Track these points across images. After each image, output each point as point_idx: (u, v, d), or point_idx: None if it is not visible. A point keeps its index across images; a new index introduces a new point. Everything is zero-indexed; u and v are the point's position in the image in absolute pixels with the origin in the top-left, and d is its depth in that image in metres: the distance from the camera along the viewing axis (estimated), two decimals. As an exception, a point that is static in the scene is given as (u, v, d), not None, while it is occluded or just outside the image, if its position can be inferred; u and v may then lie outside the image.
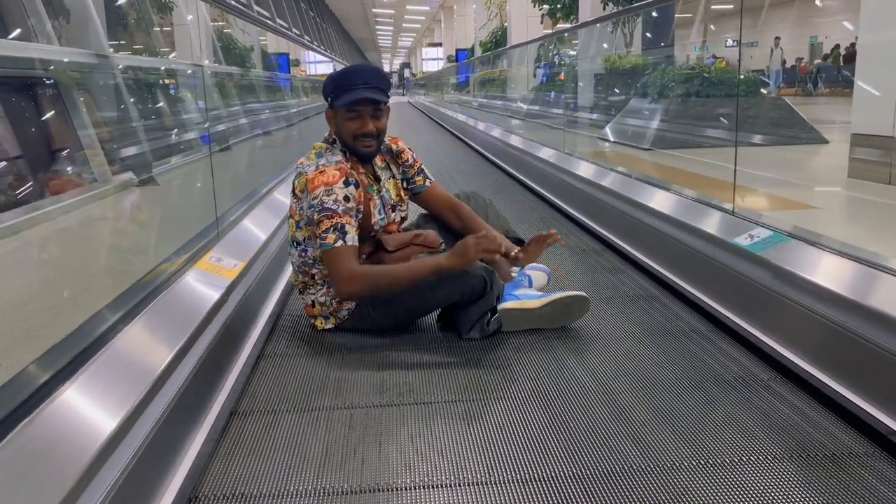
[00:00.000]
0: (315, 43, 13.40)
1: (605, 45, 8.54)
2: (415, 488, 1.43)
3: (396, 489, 1.43)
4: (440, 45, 41.36)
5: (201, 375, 1.67)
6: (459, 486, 1.44)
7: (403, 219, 2.43)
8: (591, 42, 7.92)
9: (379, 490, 1.43)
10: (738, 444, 1.56)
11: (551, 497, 1.39)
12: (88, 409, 1.25)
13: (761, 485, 1.41)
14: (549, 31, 12.49)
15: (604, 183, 3.81)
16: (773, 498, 1.36)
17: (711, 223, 2.62)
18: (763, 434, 1.61)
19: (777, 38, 9.77)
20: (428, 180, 2.44)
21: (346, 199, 2.10)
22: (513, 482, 1.44)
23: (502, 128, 8.18)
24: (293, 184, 2.24)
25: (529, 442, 1.60)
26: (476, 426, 1.68)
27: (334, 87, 2.18)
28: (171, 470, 1.42)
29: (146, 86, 5.40)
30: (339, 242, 2.05)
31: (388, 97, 2.26)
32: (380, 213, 2.28)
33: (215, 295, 2.00)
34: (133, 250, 3.02)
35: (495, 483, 1.44)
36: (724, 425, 1.65)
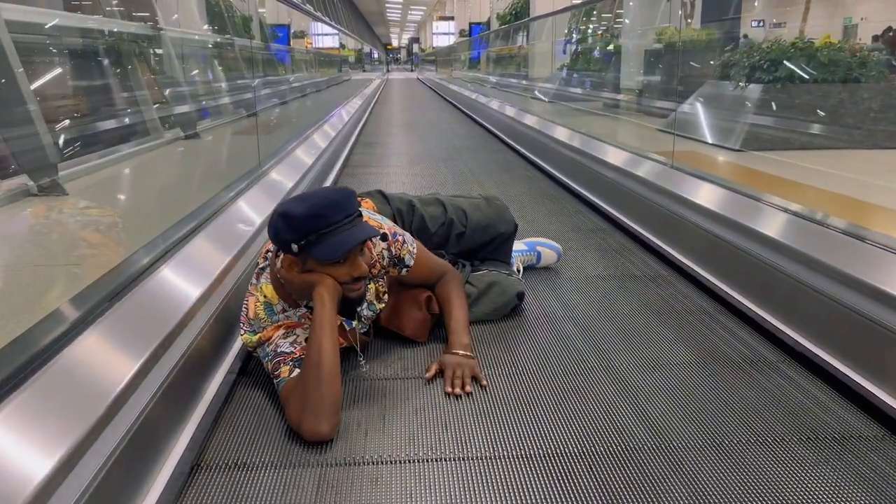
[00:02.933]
0: (320, 12, 12.98)
1: (656, 16, 7.11)
2: (418, 461, 1.43)
3: (400, 462, 1.43)
4: (452, 18, 40.87)
5: (206, 340, 1.66)
6: (463, 460, 1.43)
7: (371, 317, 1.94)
8: (638, 12, 6.91)
9: (382, 462, 1.42)
10: (745, 425, 1.55)
11: (555, 473, 1.38)
12: (92, 370, 1.24)
13: (768, 465, 1.39)
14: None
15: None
16: (780, 479, 1.35)
17: None
18: (770, 415, 1.59)
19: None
20: (404, 269, 1.93)
21: (307, 339, 1.65)
22: (516, 457, 1.43)
23: (529, 112, 6.95)
24: (245, 306, 1.76)
25: (534, 418, 1.59)
26: (480, 401, 1.67)
27: (302, 235, 1.58)
28: (174, 437, 1.42)
29: (76, 54, 3.91)
30: (297, 371, 1.62)
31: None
32: (361, 329, 1.88)
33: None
34: None
35: (499, 458, 1.43)
36: (732, 405, 1.64)
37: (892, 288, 1.64)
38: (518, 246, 2.60)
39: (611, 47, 7.73)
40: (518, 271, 2.49)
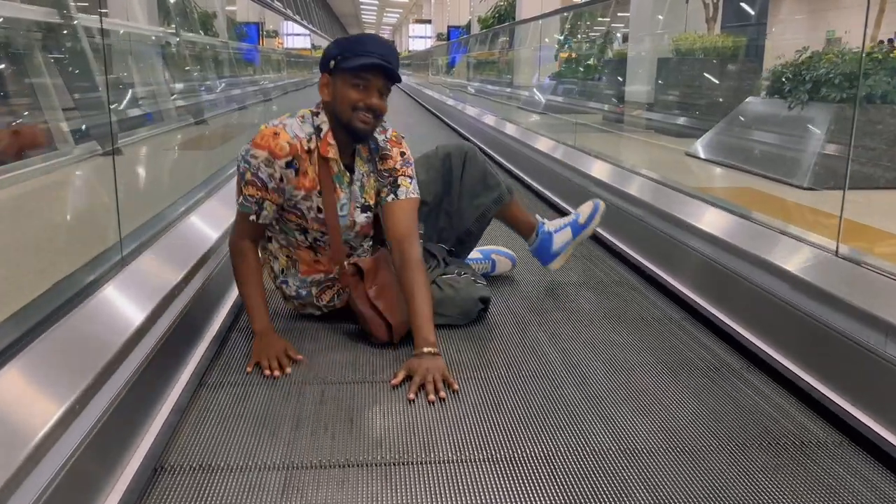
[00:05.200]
0: (290, 11, 12.60)
1: (675, 21, 6.24)
2: (385, 465, 1.42)
3: (366, 465, 1.42)
4: (429, 22, 40.89)
5: (168, 346, 1.64)
6: (430, 463, 1.43)
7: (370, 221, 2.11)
8: (648, 14, 6.16)
9: (349, 465, 1.42)
10: (707, 430, 1.57)
11: (521, 477, 1.38)
12: (49, 373, 1.22)
13: (729, 471, 1.41)
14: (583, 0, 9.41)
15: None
16: (741, 484, 1.37)
17: None
18: (733, 421, 1.62)
19: None
20: (392, 196, 2.03)
21: (282, 179, 1.88)
22: (483, 461, 1.44)
23: (516, 124, 6.20)
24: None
25: (501, 422, 1.60)
26: (448, 405, 1.67)
27: (342, 50, 1.89)
28: (137, 438, 1.39)
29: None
30: (253, 218, 1.90)
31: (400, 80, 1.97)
32: (342, 210, 2.01)
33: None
34: None
35: (465, 461, 1.44)
36: (695, 411, 1.66)
37: (853, 299, 1.68)
38: (472, 254, 2.58)
39: (611, 54, 7.11)
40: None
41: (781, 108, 4.54)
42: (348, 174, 2.01)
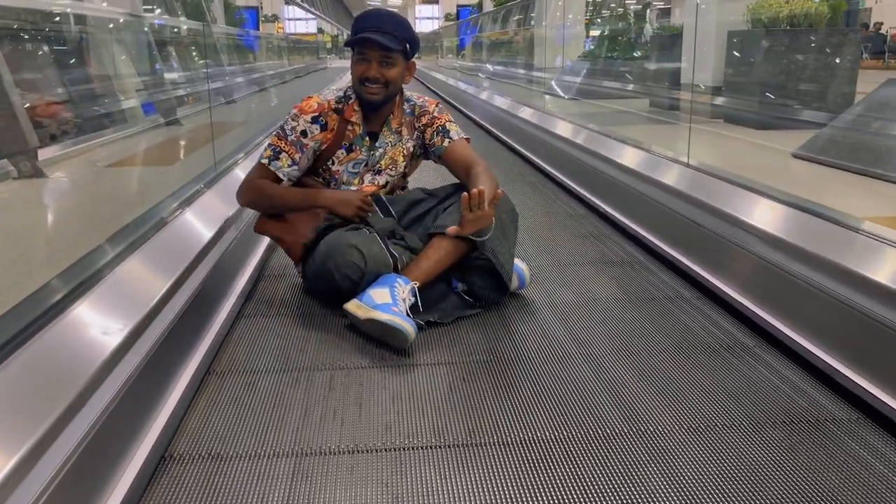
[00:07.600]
0: None
1: None
2: (395, 450, 1.41)
3: (376, 451, 1.41)
4: (436, 2, 40.48)
5: (177, 333, 1.63)
6: (440, 447, 1.42)
7: (388, 185, 2.24)
8: None
9: (358, 451, 1.41)
10: (721, 409, 1.55)
11: (532, 459, 1.37)
12: (60, 359, 1.22)
13: (744, 450, 1.39)
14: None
15: None
16: (756, 463, 1.35)
17: None
18: (746, 399, 1.60)
19: None
20: (447, 140, 2.21)
21: (304, 133, 2.12)
22: (494, 444, 1.42)
23: (547, 113, 5.36)
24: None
25: (512, 404, 1.58)
26: (458, 389, 1.66)
27: (352, 30, 2.13)
28: (145, 427, 1.39)
29: None
30: (265, 161, 2.12)
31: (407, 48, 2.10)
32: (351, 167, 2.19)
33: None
34: None
35: (477, 445, 1.42)
36: (708, 390, 1.64)
37: (867, 271, 1.64)
38: None
39: (657, 28, 6.32)
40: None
41: None
42: (369, 140, 2.19)
